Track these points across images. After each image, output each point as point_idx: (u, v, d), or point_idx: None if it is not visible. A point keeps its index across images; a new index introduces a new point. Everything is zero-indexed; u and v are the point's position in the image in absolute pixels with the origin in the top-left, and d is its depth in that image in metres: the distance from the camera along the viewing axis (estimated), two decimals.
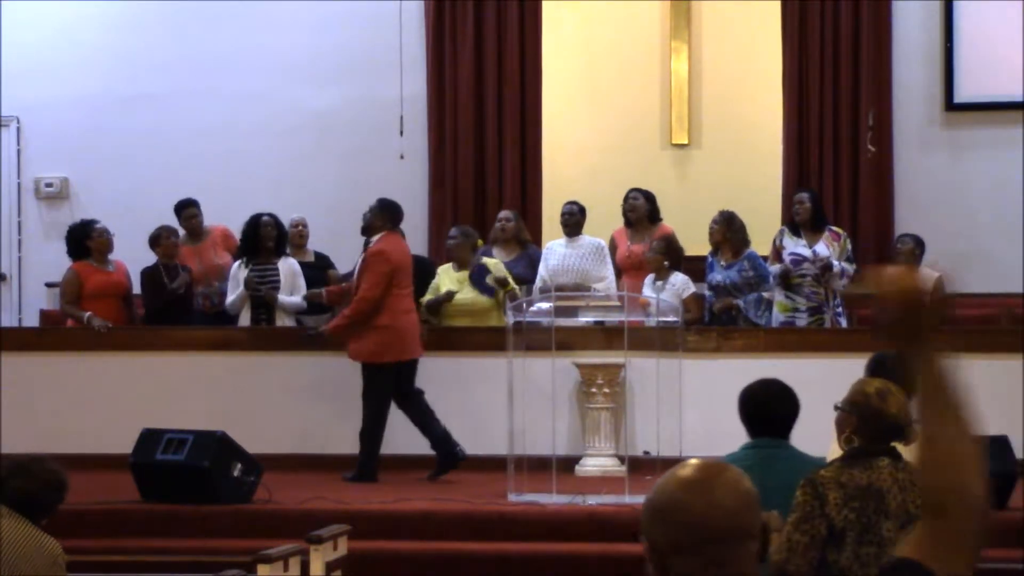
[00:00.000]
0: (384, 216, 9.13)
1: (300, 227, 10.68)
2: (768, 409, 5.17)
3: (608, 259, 10.19)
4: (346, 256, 10.64)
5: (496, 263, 10.07)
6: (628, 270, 10.28)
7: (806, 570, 4.45)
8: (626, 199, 10.54)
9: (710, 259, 10.04)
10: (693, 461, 2.47)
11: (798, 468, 4.74)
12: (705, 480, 2.41)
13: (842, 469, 4.54)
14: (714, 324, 9.85)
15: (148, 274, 10.24)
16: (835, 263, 10.18)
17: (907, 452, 4.79)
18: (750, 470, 4.94)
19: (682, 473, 2.44)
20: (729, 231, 9.91)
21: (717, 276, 9.91)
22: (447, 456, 8.97)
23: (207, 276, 10.51)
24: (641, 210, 10.46)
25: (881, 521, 4.46)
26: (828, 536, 4.46)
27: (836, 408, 4.73)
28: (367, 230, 9.18)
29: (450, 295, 9.86)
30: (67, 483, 4.71)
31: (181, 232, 10.63)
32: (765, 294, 9.90)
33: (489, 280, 9.90)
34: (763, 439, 5.16)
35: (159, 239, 10.27)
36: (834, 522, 4.46)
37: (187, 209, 10.71)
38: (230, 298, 10.10)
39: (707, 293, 10.00)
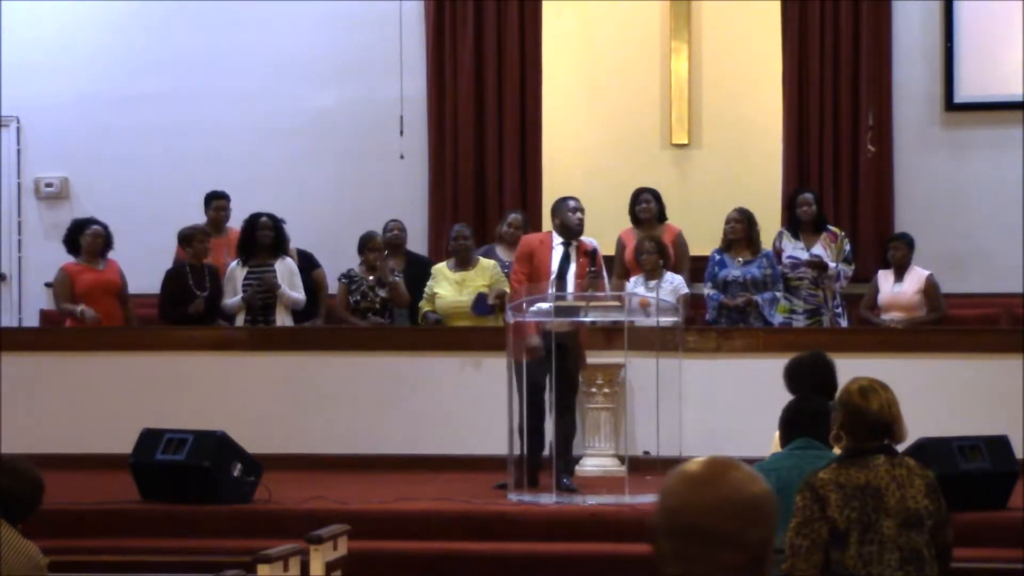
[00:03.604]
0: None
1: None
2: (807, 414, 5.28)
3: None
4: (345, 255, 10.64)
5: (494, 268, 10.03)
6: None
7: (811, 574, 4.45)
8: (638, 200, 10.51)
9: (718, 256, 10.02)
10: (715, 457, 2.41)
11: None
12: (702, 475, 2.34)
13: (839, 470, 4.56)
14: (724, 320, 9.83)
15: (172, 275, 10.18)
16: (831, 264, 10.18)
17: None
18: (795, 468, 5.01)
19: (693, 463, 2.39)
20: (751, 228, 9.98)
21: (734, 272, 9.90)
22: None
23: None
24: (653, 211, 10.47)
25: (881, 519, 4.48)
26: (831, 537, 4.47)
27: (831, 407, 4.79)
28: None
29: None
30: (44, 484, 4.67)
31: (203, 221, 10.63)
32: (778, 293, 9.92)
33: (490, 301, 9.88)
34: (803, 440, 5.22)
35: (192, 239, 10.16)
36: (837, 523, 4.47)
37: (217, 200, 10.71)
38: (229, 301, 10.08)
39: (710, 292, 9.98)
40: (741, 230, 10.00)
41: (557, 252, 8.60)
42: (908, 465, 4.61)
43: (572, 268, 8.54)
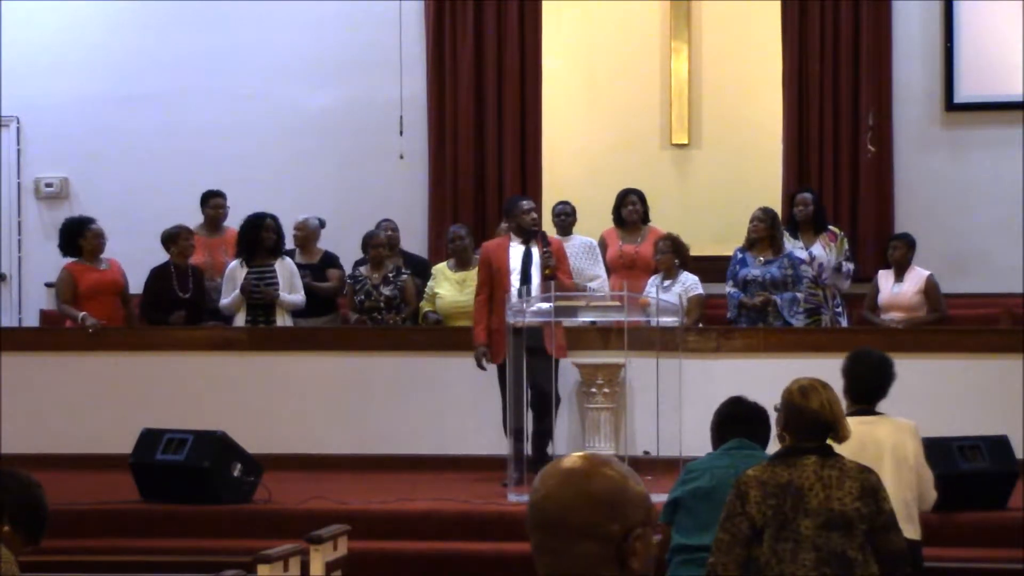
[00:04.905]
0: None
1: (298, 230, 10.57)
2: (744, 419, 5.39)
3: (600, 258, 10.24)
4: (345, 256, 10.64)
5: None
6: (619, 269, 10.32)
7: (732, 568, 4.52)
8: (625, 203, 10.53)
9: (740, 255, 10.00)
10: (588, 454, 2.49)
11: None
12: (564, 471, 2.42)
13: (767, 468, 4.62)
14: (743, 319, 9.82)
15: (156, 273, 10.18)
16: (825, 262, 10.19)
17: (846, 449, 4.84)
18: (730, 467, 5.07)
19: (565, 459, 2.47)
20: (774, 228, 9.97)
21: (754, 271, 9.87)
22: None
23: (212, 272, 10.51)
24: (639, 212, 10.51)
25: (799, 518, 4.51)
26: (752, 534, 4.52)
27: (765, 410, 4.83)
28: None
29: None
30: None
31: (200, 220, 10.63)
32: (799, 294, 9.91)
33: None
34: (738, 440, 5.30)
35: (176, 238, 10.17)
36: (755, 520, 4.53)
37: (214, 199, 10.72)
38: (225, 299, 10.09)
39: (731, 289, 9.96)
40: (763, 229, 9.97)
41: (517, 251, 8.73)
42: (842, 467, 4.59)
43: (535, 263, 8.67)
